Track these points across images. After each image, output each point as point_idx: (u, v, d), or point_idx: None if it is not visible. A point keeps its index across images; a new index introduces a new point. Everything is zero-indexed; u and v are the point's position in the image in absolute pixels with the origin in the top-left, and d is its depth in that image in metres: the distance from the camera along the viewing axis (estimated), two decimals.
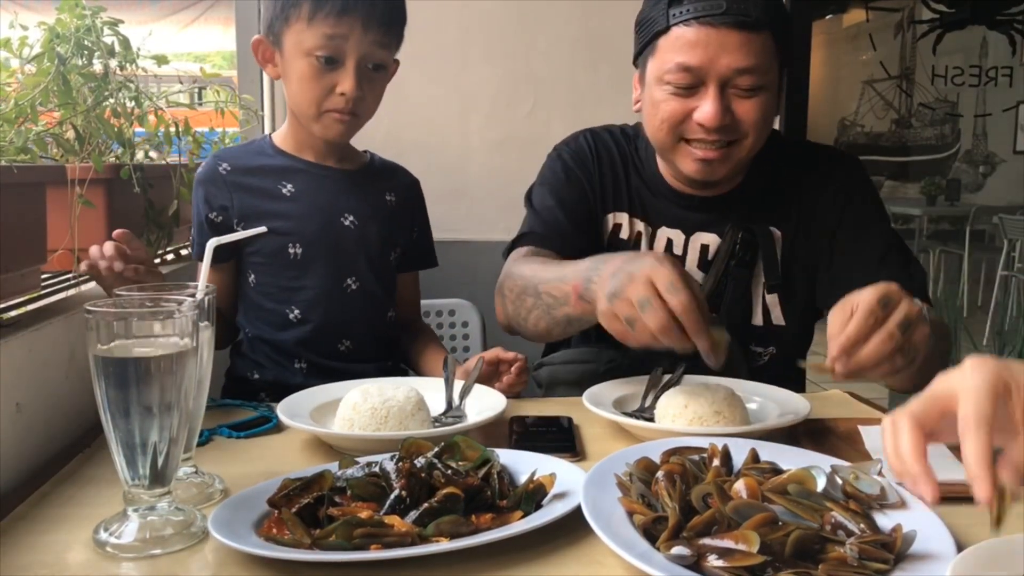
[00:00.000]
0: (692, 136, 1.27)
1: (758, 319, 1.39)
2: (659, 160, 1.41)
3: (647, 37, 1.29)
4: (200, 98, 1.83)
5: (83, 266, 1.21)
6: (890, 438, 0.66)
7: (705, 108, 1.23)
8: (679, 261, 1.06)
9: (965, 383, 0.61)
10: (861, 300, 0.96)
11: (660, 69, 1.25)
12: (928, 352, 1.02)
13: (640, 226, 1.41)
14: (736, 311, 1.37)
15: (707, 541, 0.70)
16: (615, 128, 1.49)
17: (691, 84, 1.23)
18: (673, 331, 0.97)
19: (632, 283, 0.99)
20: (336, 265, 1.45)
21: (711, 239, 1.38)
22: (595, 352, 1.41)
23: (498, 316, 1.38)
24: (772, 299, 1.38)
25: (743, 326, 1.38)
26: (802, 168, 1.40)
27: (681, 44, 1.22)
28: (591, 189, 1.43)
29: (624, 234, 1.42)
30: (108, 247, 1.19)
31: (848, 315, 0.96)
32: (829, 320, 0.98)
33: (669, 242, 1.40)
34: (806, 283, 1.38)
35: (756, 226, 1.36)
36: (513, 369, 1.30)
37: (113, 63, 1.42)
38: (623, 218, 1.42)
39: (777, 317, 1.39)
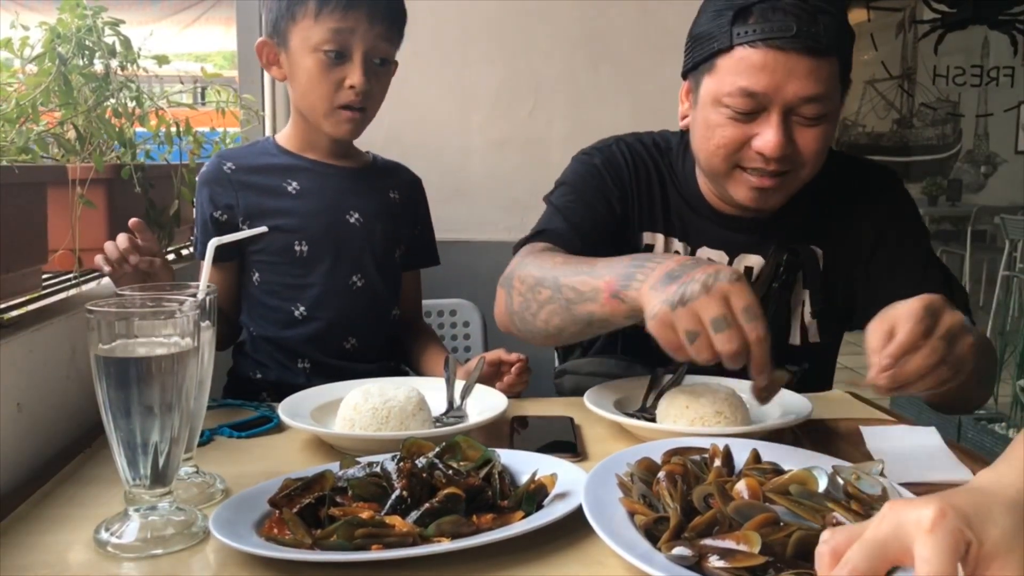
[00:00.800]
0: (749, 164, 1.19)
1: (795, 338, 1.34)
2: (700, 177, 1.33)
3: (705, 54, 1.19)
4: (203, 98, 1.83)
5: (98, 259, 1.21)
6: None
7: (768, 137, 1.15)
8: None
9: (922, 543, 0.52)
10: (905, 311, 0.90)
11: (719, 91, 1.17)
12: (972, 368, 0.96)
13: (678, 246, 1.35)
14: (773, 332, 1.33)
15: (708, 542, 0.70)
16: (647, 139, 1.41)
17: (752, 110, 1.16)
18: (742, 359, 0.90)
19: (707, 296, 0.90)
20: (342, 262, 1.45)
21: (755, 260, 1.32)
22: (625, 366, 1.35)
23: (496, 311, 1.28)
24: (815, 321, 1.33)
25: (780, 346, 1.32)
26: (843, 184, 1.34)
27: (745, 67, 1.14)
28: (623, 201, 1.35)
29: (659, 251, 1.35)
30: (122, 239, 1.21)
31: (888, 328, 0.90)
32: (868, 334, 0.91)
33: (710, 262, 1.35)
34: (844, 300, 1.34)
35: (800, 246, 1.31)
36: (513, 370, 1.30)
37: (114, 63, 1.42)
38: (658, 239, 1.35)
39: (814, 335, 1.34)
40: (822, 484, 0.79)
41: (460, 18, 2.30)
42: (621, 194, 1.35)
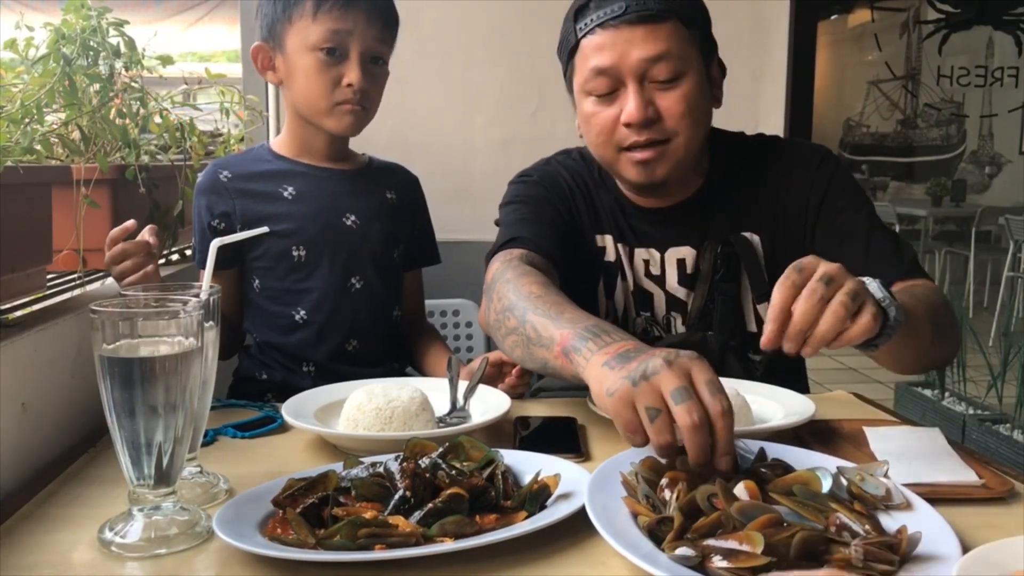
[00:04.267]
0: (626, 143, 1.24)
1: (752, 326, 1.36)
2: (617, 180, 1.37)
3: (565, 59, 1.30)
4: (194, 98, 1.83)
5: (118, 250, 1.21)
6: None
7: (628, 107, 1.21)
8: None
9: None
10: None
11: (581, 82, 1.26)
12: (920, 331, 1.01)
13: (619, 247, 1.39)
14: (728, 324, 1.34)
15: (711, 542, 0.69)
16: (573, 152, 1.46)
17: (611, 88, 1.23)
18: (704, 434, 0.80)
19: (668, 371, 0.83)
20: (340, 265, 1.46)
21: (686, 252, 1.35)
22: None
23: (479, 315, 1.27)
24: (763, 306, 1.35)
25: (741, 335, 1.35)
26: (772, 166, 1.36)
27: (591, 51, 1.23)
28: (569, 211, 1.39)
29: (610, 256, 1.39)
30: (151, 237, 1.23)
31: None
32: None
33: (646, 263, 1.37)
34: None
35: (734, 237, 1.33)
36: (514, 371, 1.30)
37: (118, 64, 1.42)
38: (607, 240, 1.40)
39: None
40: (826, 485, 0.79)
41: (464, 19, 2.30)
42: (564, 204, 1.39)
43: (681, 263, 1.36)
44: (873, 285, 0.96)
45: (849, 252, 1.27)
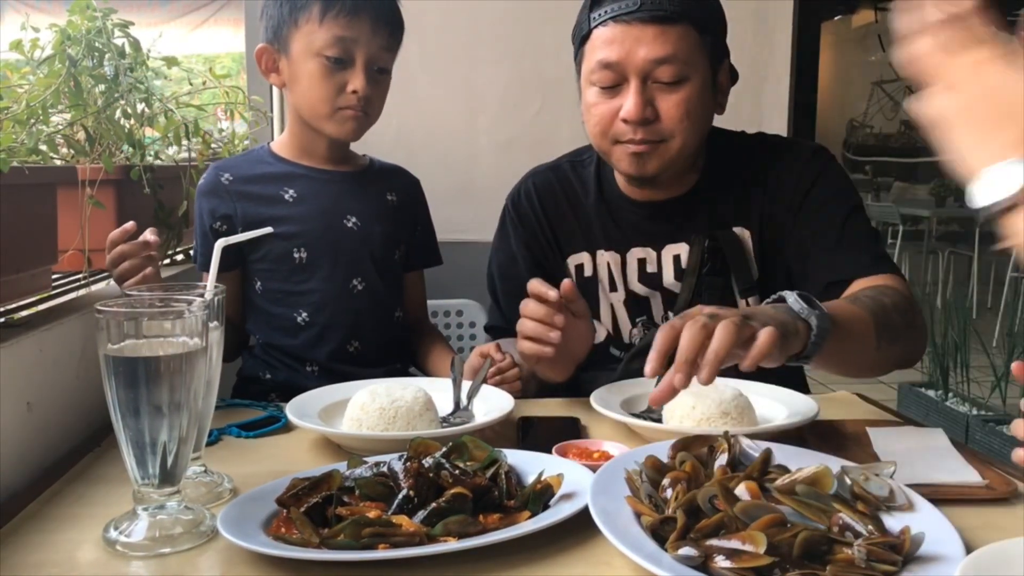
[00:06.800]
0: (622, 138, 1.26)
1: None
2: (616, 172, 1.39)
3: (577, 44, 1.31)
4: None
5: (117, 252, 1.21)
6: None
7: (627, 104, 1.23)
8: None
9: None
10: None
11: (587, 71, 1.28)
12: (860, 336, 1.03)
13: (607, 257, 1.40)
14: None
15: (715, 542, 0.70)
16: (563, 162, 1.48)
17: (615, 82, 1.24)
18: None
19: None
20: (341, 266, 1.46)
21: (681, 248, 1.36)
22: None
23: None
24: (753, 299, 1.35)
25: None
26: (763, 163, 1.36)
27: (600, 43, 1.24)
28: (537, 241, 1.44)
29: (588, 272, 1.41)
30: (151, 236, 1.22)
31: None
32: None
33: (642, 263, 1.38)
34: (785, 274, 1.35)
35: (720, 232, 1.34)
36: (492, 369, 1.27)
37: (124, 63, 1.42)
38: (583, 258, 1.42)
39: None
40: (836, 484, 0.79)
41: (467, 19, 2.31)
42: (530, 236, 1.45)
43: (677, 259, 1.37)
44: (791, 298, 0.98)
45: (821, 244, 1.28)
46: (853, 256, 1.26)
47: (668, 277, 1.37)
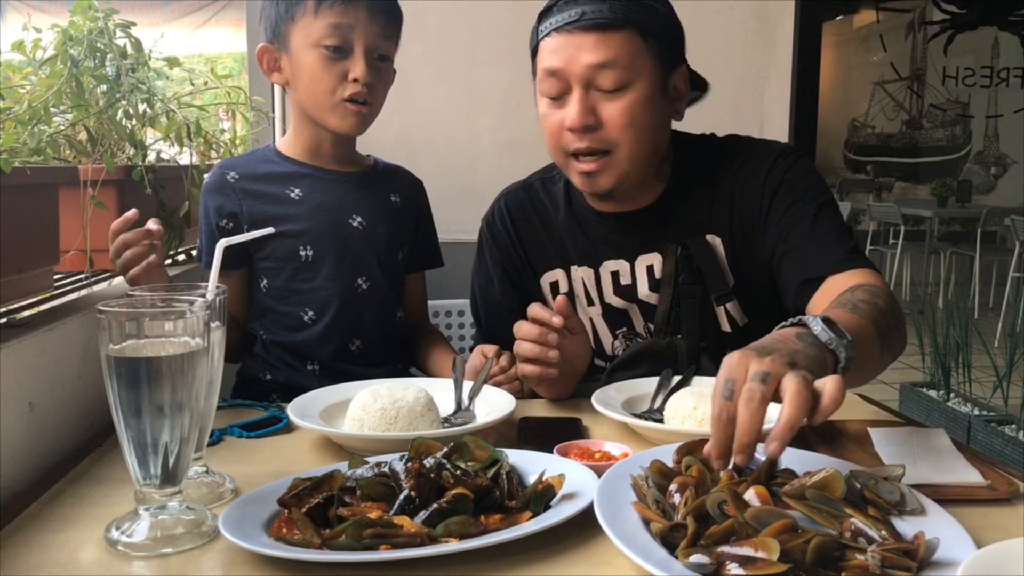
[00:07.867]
0: (570, 147, 1.25)
1: (726, 326, 1.35)
2: None
3: (531, 59, 1.32)
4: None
5: (119, 241, 1.22)
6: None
7: (568, 110, 1.23)
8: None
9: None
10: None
11: (538, 82, 1.29)
12: (870, 352, 0.98)
13: (581, 272, 1.40)
14: (696, 325, 1.33)
15: (726, 549, 0.68)
16: (535, 180, 1.48)
17: (560, 91, 1.24)
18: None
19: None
20: (346, 265, 1.46)
21: (654, 259, 1.35)
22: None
23: None
24: (732, 305, 1.34)
25: (714, 336, 1.35)
26: (731, 167, 1.34)
27: (546, 53, 1.25)
28: (512, 262, 1.45)
29: (564, 288, 1.42)
30: (153, 225, 1.23)
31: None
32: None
33: (615, 275, 1.38)
34: (761, 279, 1.33)
35: (691, 240, 1.33)
36: (492, 369, 1.29)
37: (126, 64, 1.42)
38: (558, 275, 1.42)
39: (741, 318, 1.35)
40: (846, 489, 0.78)
41: (469, 19, 2.30)
42: (505, 258, 1.46)
43: (650, 270, 1.36)
44: (817, 327, 0.91)
45: (792, 243, 1.26)
46: (825, 253, 1.24)
47: (643, 288, 1.36)
